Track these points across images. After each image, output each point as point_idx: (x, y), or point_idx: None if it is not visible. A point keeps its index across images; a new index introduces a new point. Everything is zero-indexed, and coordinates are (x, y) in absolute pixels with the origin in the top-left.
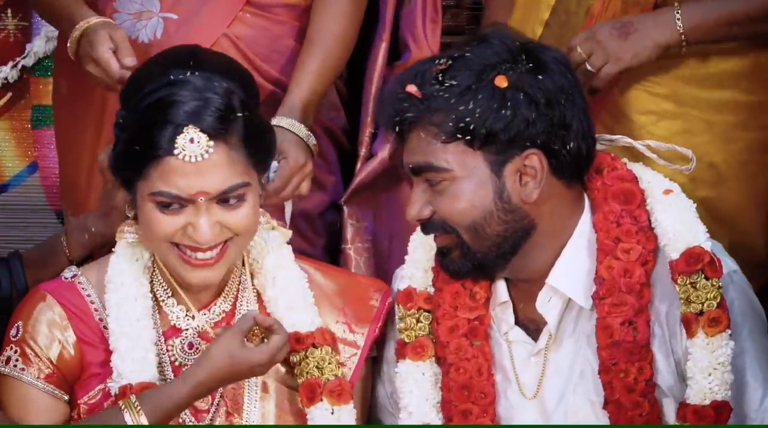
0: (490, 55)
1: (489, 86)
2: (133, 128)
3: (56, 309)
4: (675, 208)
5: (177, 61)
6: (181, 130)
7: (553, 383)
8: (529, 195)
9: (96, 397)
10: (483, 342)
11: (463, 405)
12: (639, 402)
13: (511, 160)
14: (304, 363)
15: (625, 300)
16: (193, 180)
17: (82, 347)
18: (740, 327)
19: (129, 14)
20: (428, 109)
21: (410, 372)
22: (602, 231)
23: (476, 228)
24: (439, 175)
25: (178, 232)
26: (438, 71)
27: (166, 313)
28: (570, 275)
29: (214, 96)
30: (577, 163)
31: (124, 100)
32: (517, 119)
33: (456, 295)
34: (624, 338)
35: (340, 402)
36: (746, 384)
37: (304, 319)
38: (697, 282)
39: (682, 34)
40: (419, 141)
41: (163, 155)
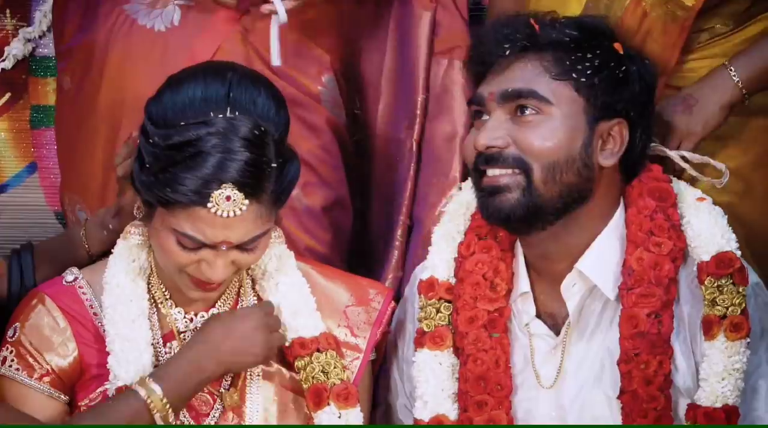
0: (600, 25)
1: (608, 48)
2: (165, 162)
3: (55, 312)
4: (707, 213)
5: (215, 92)
6: (219, 185)
7: (572, 376)
8: (606, 159)
9: (96, 399)
10: (502, 335)
11: (478, 396)
12: (655, 395)
13: (604, 121)
14: (309, 368)
15: (654, 291)
16: (220, 231)
17: (81, 350)
18: (760, 340)
19: (142, 3)
20: (549, 42)
21: (427, 361)
22: (635, 223)
23: (554, 169)
24: (539, 104)
25: (190, 264)
26: (554, 20)
27: (164, 315)
28: (599, 264)
29: (251, 149)
30: (640, 156)
31: (159, 118)
32: (626, 86)
33: (476, 286)
34: (649, 329)
35: (348, 406)
36: (761, 398)
37: (308, 324)
38: (725, 286)
39: (742, 88)
40: (525, 70)
41: (194, 205)
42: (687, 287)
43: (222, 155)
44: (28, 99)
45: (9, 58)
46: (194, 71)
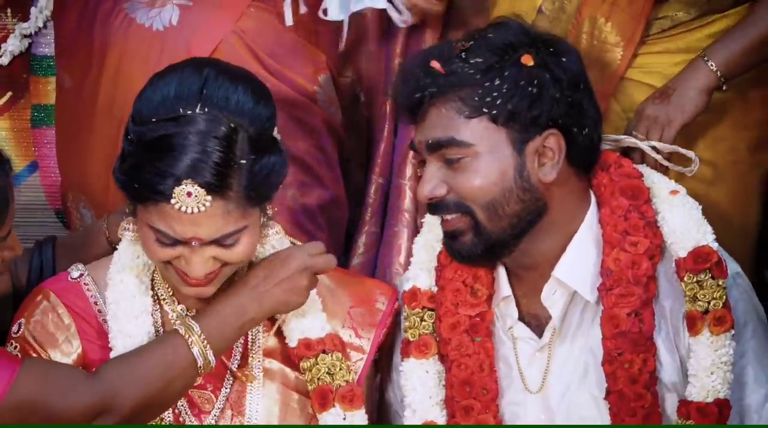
0: (511, 35)
1: (515, 64)
2: (137, 161)
3: (60, 309)
4: (682, 207)
5: (188, 88)
6: (180, 182)
7: (558, 378)
8: (546, 175)
9: None
10: (485, 338)
11: (465, 401)
12: (641, 393)
13: (533, 140)
14: (315, 370)
15: (632, 291)
16: (188, 227)
17: (85, 346)
18: (743, 329)
19: (141, 3)
20: (453, 84)
21: (414, 370)
22: (609, 224)
23: (495, 206)
24: (460, 150)
25: (173, 259)
26: (461, 50)
27: (167, 312)
28: (576, 268)
29: (217, 146)
30: (588, 153)
31: (136, 114)
32: (542, 97)
33: (457, 293)
34: (630, 329)
35: (353, 408)
36: (748, 385)
37: (314, 326)
38: (704, 281)
39: (718, 74)
40: (440, 116)
41: (162, 201)
42: (667, 282)
43: (189, 153)
44: (29, 98)
45: (6, 54)
46: (175, 67)
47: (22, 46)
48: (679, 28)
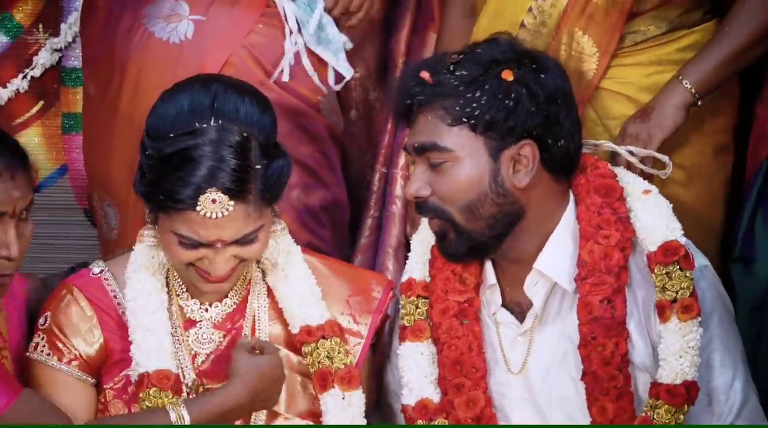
0: (498, 52)
1: (496, 78)
2: (159, 172)
3: (83, 302)
4: (653, 205)
5: (200, 103)
6: (204, 190)
7: (538, 361)
8: (520, 181)
9: (120, 382)
10: (472, 322)
11: (456, 379)
12: (614, 374)
13: (508, 148)
14: (315, 354)
15: (605, 280)
16: (213, 231)
17: (106, 336)
18: (710, 317)
19: (159, 18)
20: (438, 94)
21: (410, 352)
22: (585, 220)
23: (471, 208)
24: (442, 154)
25: (196, 261)
26: (450, 62)
27: (181, 306)
28: (555, 261)
29: (233, 154)
30: (565, 160)
31: (152, 130)
32: (518, 110)
33: (447, 281)
34: (603, 314)
35: (351, 389)
36: (715, 369)
37: (314, 313)
38: (673, 272)
39: (692, 91)
40: (426, 123)
41: (186, 210)
42: (639, 273)
43: (207, 162)
44: (59, 107)
45: (38, 66)
46: (183, 84)
47: (53, 59)
48: (650, 42)
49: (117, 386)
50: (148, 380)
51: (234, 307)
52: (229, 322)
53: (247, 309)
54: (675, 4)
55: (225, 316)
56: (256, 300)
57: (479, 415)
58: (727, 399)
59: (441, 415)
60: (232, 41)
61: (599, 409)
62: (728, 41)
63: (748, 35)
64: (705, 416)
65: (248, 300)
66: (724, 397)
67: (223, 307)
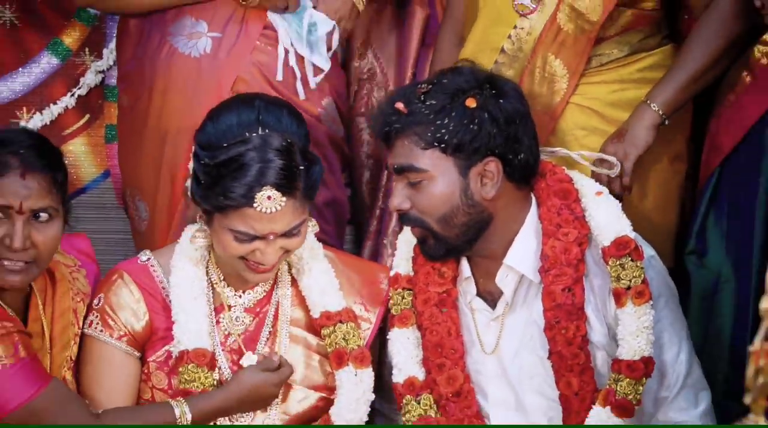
0: (461, 81)
1: (461, 106)
2: (215, 177)
3: (132, 285)
4: (605, 205)
5: (247, 117)
6: (260, 188)
7: (509, 342)
8: (488, 193)
9: (162, 356)
10: (450, 310)
11: (438, 359)
12: (576, 353)
13: (475, 166)
14: (333, 336)
15: (565, 271)
16: (266, 224)
17: (151, 316)
18: (658, 300)
19: (182, 35)
20: (412, 122)
21: (398, 337)
22: (546, 219)
23: (446, 219)
24: (419, 175)
25: (248, 254)
26: (421, 93)
27: (218, 293)
28: (522, 256)
29: (283, 157)
30: (525, 170)
31: (205, 143)
32: (481, 133)
33: (428, 275)
34: (564, 301)
35: (362, 367)
36: (665, 345)
37: (333, 302)
38: (625, 263)
39: (659, 112)
40: (403, 147)
41: (243, 207)
42: (595, 264)
43: (260, 164)
44: (103, 119)
45: (84, 85)
46: (228, 103)
47: (97, 79)
48: (614, 63)
49: (159, 359)
50: (187, 356)
51: (263, 295)
52: (258, 307)
53: (272, 297)
54: (636, 30)
55: (255, 302)
56: (282, 289)
57: (458, 390)
58: (674, 371)
59: (426, 391)
60: (241, 56)
61: (565, 383)
62: (688, 66)
63: (706, 59)
64: (657, 386)
65: (274, 289)
66: (671, 369)
67: (254, 294)
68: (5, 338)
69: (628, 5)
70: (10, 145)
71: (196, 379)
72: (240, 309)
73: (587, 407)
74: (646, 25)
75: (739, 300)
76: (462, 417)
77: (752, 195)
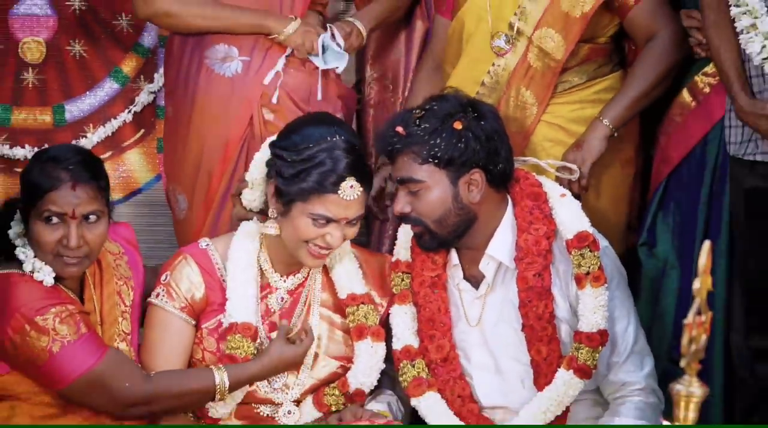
0: (449, 107)
1: (450, 128)
2: (302, 170)
3: (193, 266)
4: (568, 205)
5: (326, 127)
6: (345, 178)
7: (489, 316)
8: (474, 198)
9: (214, 325)
10: (441, 291)
11: (430, 331)
12: (545, 326)
13: (463, 176)
14: (356, 314)
15: (536, 260)
16: (342, 210)
17: (207, 292)
18: (611, 282)
19: (217, 59)
20: (410, 142)
21: (398, 312)
22: (520, 217)
23: (440, 220)
24: (417, 185)
25: (318, 238)
26: (416, 118)
27: (266, 277)
28: (500, 248)
29: (357, 153)
30: (503, 178)
31: (290, 145)
32: (467, 150)
33: (423, 262)
34: (535, 284)
35: (378, 341)
36: (616, 318)
37: (358, 287)
38: (585, 253)
39: (609, 126)
40: (403, 163)
41: (329, 193)
42: (560, 254)
43: (348, 160)
44: (155, 133)
45: (138, 104)
46: (304, 119)
47: (149, 98)
48: (576, 88)
49: (210, 327)
50: (236, 328)
51: (302, 280)
52: (297, 289)
53: (308, 282)
54: (592, 61)
55: (295, 286)
56: (316, 275)
57: (446, 357)
58: (624, 340)
59: (419, 357)
60: (265, 76)
61: (536, 351)
62: (633, 88)
63: (648, 82)
64: (609, 352)
65: (310, 275)
66: (621, 339)
67: (294, 279)
68: (69, 318)
69: (585, 41)
70: (62, 161)
71: (240, 347)
72: (284, 291)
73: (554, 370)
74: (600, 56)
75: (682, 283)
76: (447, 378)
77: (695, 199)
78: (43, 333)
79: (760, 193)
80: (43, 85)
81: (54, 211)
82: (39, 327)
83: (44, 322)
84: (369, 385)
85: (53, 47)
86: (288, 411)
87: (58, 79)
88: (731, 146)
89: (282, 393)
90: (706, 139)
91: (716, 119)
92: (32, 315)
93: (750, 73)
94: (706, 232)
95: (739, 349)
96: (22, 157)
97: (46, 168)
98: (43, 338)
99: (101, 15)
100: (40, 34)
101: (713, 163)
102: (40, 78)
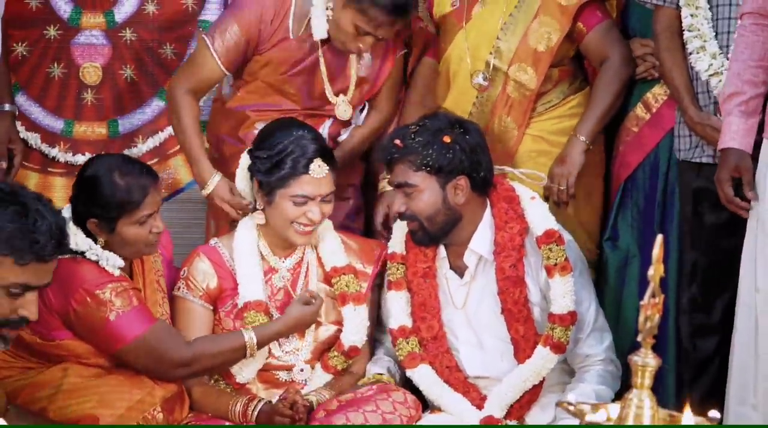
0: (439, 123)
1: (440, 141)
2: (277, 161)
3: (205, 261)
4: (538, 206)
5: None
6: (313, 160)
7: (472, 301)
8: (459, 201)
9: (228, 307)
10: (431, 280)
11: (421, 314)
12: (521, 309)
13: (451, 182)
14: (339, 283)
15: (511, 253)
16: (316, 188)
17: (220, 281)
18: (575, 270)
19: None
20: (406, 153)
21: (394, 297)
22: (497, 217)
23: (431, 218)
24: (412, 188)
25: (300, 216)
26: (411, 132)
27: (267, 260)
28: (481, 243)
29: (321, 141)
30: (484, 183)
31: (263, 145)
32: (455, 160)
33: (416, 254)
34: (511, 274)
35: (359, 304)
36: (581, 301)
37: (340, 260)
38: (552, 247)
39: (585, 141)
40: (400, 170)
41: (302, 174)
42: (532, 248)
43: (312, 145)
44: None
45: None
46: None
47: None
48: (554, 106)
49: (226, 309)
50: (249, 306)
51: (298, 259)
52: (295, 267)
53: (303, 260)
54: (564, 81)
55: (294, 264)
56: (309, 255)
57: (435, 335)
58: (586, 319)
59: (413, 335)
60: None
61: (514, 330)
62: (598, 105)
63: (609, 98)
64: (575, 329)
65: (304, 255)
66: (583, 318)
67: (291, 260)
68: (122, 293)
69: (554, 66)
70: (146, 172)
71: (255, 321)
72: (284, 270)
73: (531, 346)
74: (569, 76)
75: (642, 270)
76: (437, 353)
77: (651, 198)
78: (102, 305)
79: (705, 193)
80: (100, 103)
81: (146, 213)
82: (98, 300)
83: (102, 295)
84: (360, 341)
85: (108, 71)
86: (300, 369)
87: (113, 98)
88: (681, 152)
89: (293, 355)
90: (659, 147)
91: (668, 128)
92: (93, 289)
93: (697, 90)
94: (661, 226)
95: (684, 326)
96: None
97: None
98: (101, 308)
99: (149, 44)
100: (97, 60)
101: (666, 167)
102: (98, 97)
